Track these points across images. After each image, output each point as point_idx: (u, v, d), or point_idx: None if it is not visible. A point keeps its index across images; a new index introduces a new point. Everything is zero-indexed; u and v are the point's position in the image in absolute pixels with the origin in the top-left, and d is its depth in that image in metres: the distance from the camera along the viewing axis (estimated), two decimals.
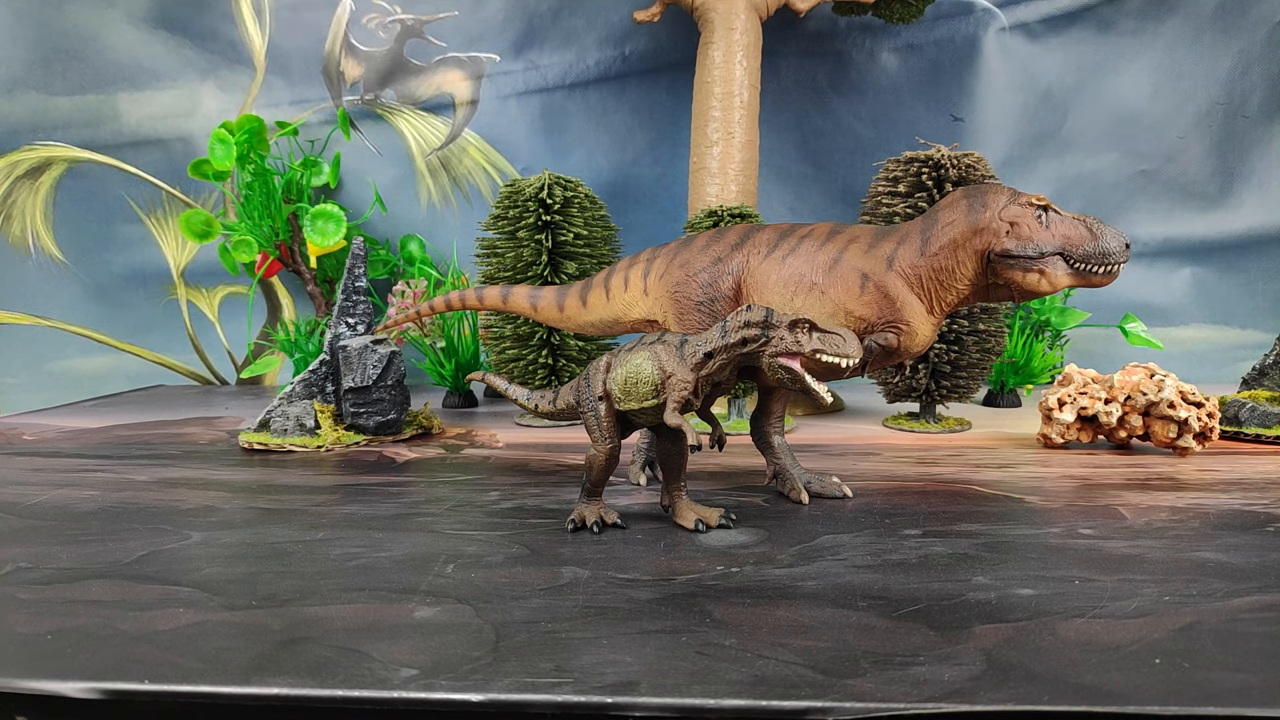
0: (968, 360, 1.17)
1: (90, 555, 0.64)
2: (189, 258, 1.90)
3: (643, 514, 0.76)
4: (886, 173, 1.19)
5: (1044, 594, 0.55)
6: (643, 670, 0.44)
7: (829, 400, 0.64)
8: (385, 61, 1.81)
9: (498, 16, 1.80)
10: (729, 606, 0.53)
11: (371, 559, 0.63)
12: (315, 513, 0.77)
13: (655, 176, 1.82)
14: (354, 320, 1.17)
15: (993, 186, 0.75)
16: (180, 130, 1.83)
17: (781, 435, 0.85)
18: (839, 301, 0.77)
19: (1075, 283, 0.73)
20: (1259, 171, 1.73)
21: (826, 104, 1.80)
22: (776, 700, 0.41)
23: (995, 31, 1.74)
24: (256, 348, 1.92)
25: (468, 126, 1.83)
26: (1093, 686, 0.42)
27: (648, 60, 1.79)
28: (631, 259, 0.92)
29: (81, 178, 1.85)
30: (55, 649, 0.47)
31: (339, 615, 0.52)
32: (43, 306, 1.90)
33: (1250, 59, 1.71)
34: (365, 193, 1.81)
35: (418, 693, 0.42)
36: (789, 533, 0.70)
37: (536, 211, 1.25)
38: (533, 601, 0.54)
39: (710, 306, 0.83)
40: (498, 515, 0.76)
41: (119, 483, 0.90)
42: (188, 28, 1.80)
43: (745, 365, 0.68)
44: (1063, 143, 1.78)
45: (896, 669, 0.44)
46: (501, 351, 1.31)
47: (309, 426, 1.09)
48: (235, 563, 0.62)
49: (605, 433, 0.70)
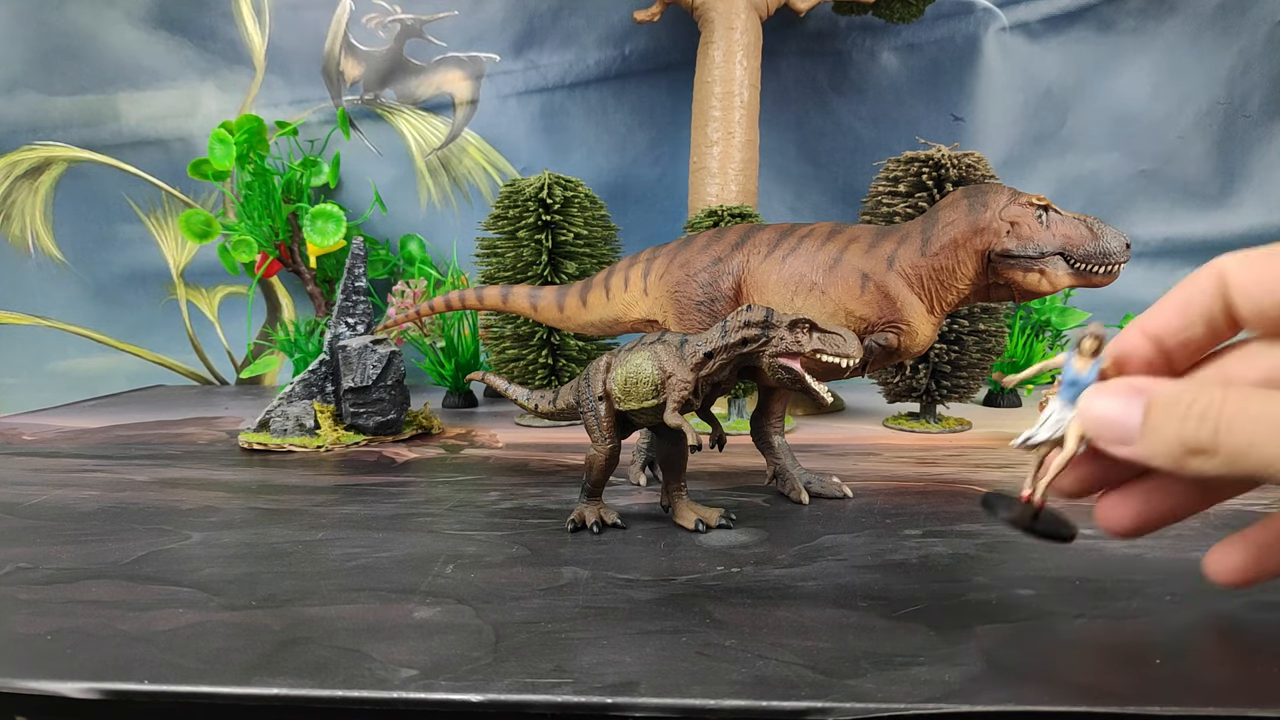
0: (968, 360, 1.17)
1: (90, 555, 0.64)
2: (189, 258, 1.90)
3: (643, 514, 0.76)
4: (887, 172, 1.19)
5: (1044, 594, 0.55)
6: (643, 670, 0.44)
7: (829, 400, 0.64)
8: (385, 61, 1.81)
9: (498, 16, 1.80)
10: (729, 606, 0.53)
11: (371, 559, 0.63)
12: (315, 513, 0.77)
13: (655, 176, 1.82)
14: (354, 320, 1.17)
15: (993, 186, 0.75)
16: (180, 130, 1.83)
17: (782, 435, 0.85)
18: (839, 301, 0.77)
19: (1076, 282, 0.73)
20: (1259, 171, 1.73)
21: (826, 104, 1.80)
22: (776, 700, 0.41)
23: (995, 31, 1.74)
24: (256, 348, 1.92)
25: (468, 126, 1.83)
26: (1093, 686, 0.42)
27: (648, 60, 1.79)
28: (631, 259, 0.92)
29: (81, 178, 1.85)
30: (55, 649, 0.47)
31: (339, 615, 0.52)
32: (43, 306, 1.90)
33: (1250, 59, 1.71)
34: (365, 193, 1.80)
35: (418, 693, 0.42)
36: (789, 533, 0.70)
37: (536, 211, 1.25)
38: (533, 602, 0.54)
39: (710, 306, 0.83)
40: (498, 515, 0.76)
41: (119, 483, 0.90)
42: (188, 28, 1.80)
43: (745, 365, 0.68)
44: (1063, 143, 1.78)
45: (896, 669, 0.44)
46: (501, 351, 1.31)
47: (309, 426, 1.09)
48: (235, 563, 0.62)
49: (605, 433, 0.70)
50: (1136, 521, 0.51)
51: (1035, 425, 0.51)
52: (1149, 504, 0.51)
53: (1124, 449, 0.46)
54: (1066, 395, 0.50)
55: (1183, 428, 0.43)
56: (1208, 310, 0.47)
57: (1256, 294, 0.44)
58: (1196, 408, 0.43)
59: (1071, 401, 0.50)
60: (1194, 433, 0.43)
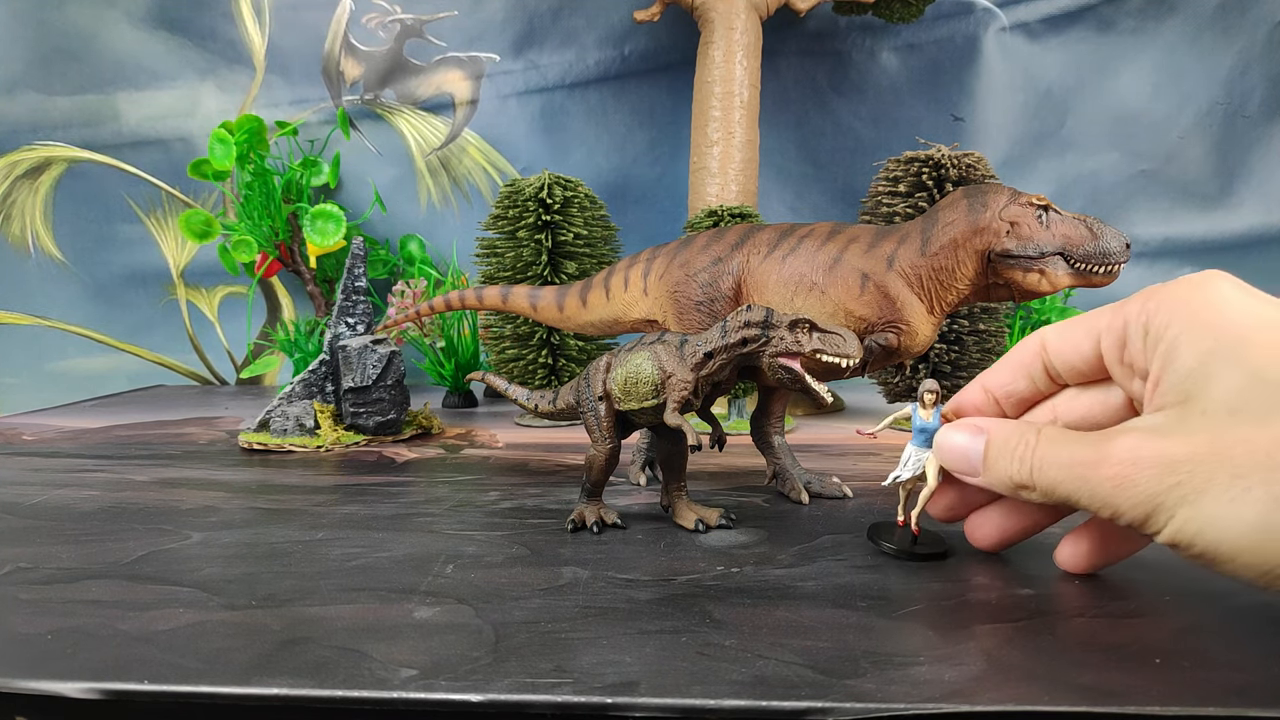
0: (968, 360, 1.17)
1: (90, 555, 0.64)
2: (189, 258, 1.90)
3: (643, 514, 0.76)
4: (887, 172, 1.19)
5: (1044, 594, 0.55)
6: (643, 670, 0.44)
7: (829, 400, 0.64)
8: (385, 61, 1.81)
9: (498, 16, 1.80)
10: (729, 606, 0.53)
11: (371, 559, 0.63)
12: (315, 513, 0.77)
13: (655, 176, 1.82)
14: (354, 320, 1.17)
15: (993, 186, 0.75)
16: (180, 130, 1.83)
17: (782, 435, 0.85)
18: (839, 301, 0.77)
19: (1075, 282, 0.73)
20: (1259, 171, 1.73)
21: (826, 104, 1.80)
22: (776, 700, 0.41)
23: (995, 31, 1.74)
24: (256, 348, 1.92)
25: (468, 126, 1.83)
26: (1093, 686, 0.42)
27: (648, 60, 1.79)
28: (631, 259, 0.92)
29: (81, 178, 1.85)
30: (55, 649, 0.47)
31: (339, 615, 0.52)
32: (43, 306, 1.90)
33: (1250, 59, 1.71)
34: (365, 193, 1.80)
35: (418, 693, 0.42)
36: (789, 533, 0.70)
37: (536, 211, 1.25)
38: (533, 602, 0.54)
39: (710, 306, 0.83)
40: (498, 515, 0.76)
41: (119, 483, 0.90)
42: (188, 28, 1.80)
43: (745, 365, 0.68)
44: (1063, 143, 1.78)
45: (896, 669, 0.44)
46: (501, 351, 1.31)
47: (309, 426, 1.09)
48: (235, 563, 0.62)
49: (605, 433, 0.70)
50: (1000, 536, 0.62)
51: (899, 467, 0.65)
52: (1007, 521, 0.62)
53: (973, 479, 0.58)
54: (918, 441, 0.64)
55: (1009, 465, 0.54)
56: (1032, 370, 0.59)
57: (1068, 356, 0.56)
58: (1019, 450, 0.53)
59: (924, 445, 0.63)
60: (1018, 471, 0.53)
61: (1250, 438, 0.43)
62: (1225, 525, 0.43)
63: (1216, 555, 0.44)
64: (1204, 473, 0.44)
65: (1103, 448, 0.48)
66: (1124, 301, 0.53)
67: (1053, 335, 0.58)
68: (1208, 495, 0.44)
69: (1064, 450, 0.51)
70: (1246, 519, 0.42)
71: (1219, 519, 0.43)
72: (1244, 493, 0.43)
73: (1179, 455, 0.45)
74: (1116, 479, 0.47)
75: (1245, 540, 0.43)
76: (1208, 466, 0.44)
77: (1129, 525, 0.48)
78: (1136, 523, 0.47)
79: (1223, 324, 0.47)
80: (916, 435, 0.64)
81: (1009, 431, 0.55)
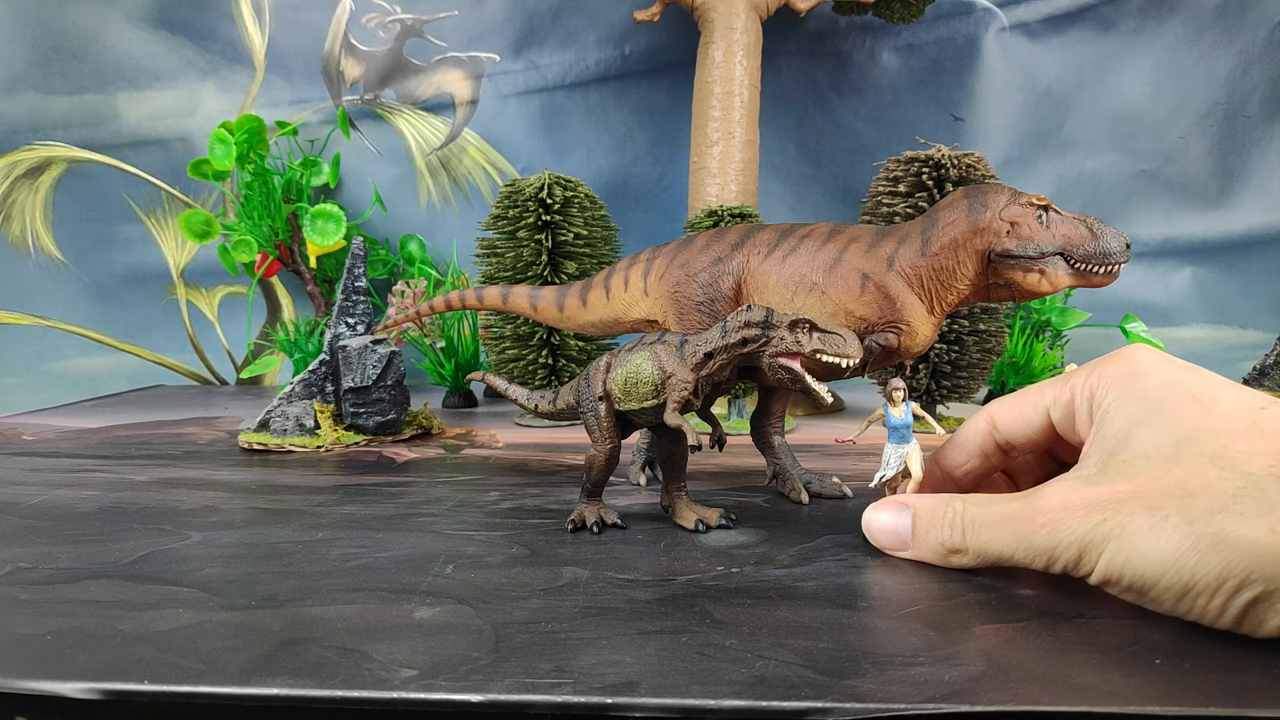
0: (968, 360, 1.17)
1: (90, 555, 0.64)
2: (189, 258, 1.90)
3: (643, 514, 0.76)
4: (887, 172, 1.19)
5: (1044, 594, 0.55)
6: (643, 670, 0.44)
7: (829, 400, 0.64)
8: (385, 61, 1.81)
9: (498, 16, 1.80)
10: (729, 607, 0.53)
11: (371, 559, 0.63)
12: (315, 513, 0.77)
13: (655, 176, 1.82)
14: (354, 320, 1.17)
15: (993, 186, 0.75)
16: (180, 130, 1.83)
17: (782, 435, 0.85)
18: (839, 301, 0.77)
19: (1076, 283, 0.73)
20: (1259, 171, 1.73)
21: (826, 104, 1.80)
22: (776, 700, 0.41)
23: (995, 31, 1.74)
24: (256, 348, 1.92)
25: (468, 126, 1.83)
26: (1093, 686, 0.42)
27: (648, 60, 1.79)
28: (631, 259, 0.92)
29: (81, 178, 1.85)
30: (55, 649, 0.47)
31: (339, 615, 0.52)
32: (42, 306, 1.90)
33: (1250, 59, 1.71)
34: (365, 193, 1.81)
35: (418, 693, 0.42)
36: (789, 533, 0.70)
37: (536, 211, 1.25)
38: (533, 602, 0.54)
39: (710, 306, 0.83)
40: (498, 515, 0.76)
41: (119, 483, 0.90)
42: (188, 28, 1.80)
43: (745, 365, 0.68)
44: (1063, 143, 1.78)
45: (896, 669, 0.44)
46: (501, 351, 1.31)
47: (309, 426, 1.09)
48: (235, 563, 0.62)
49: (605, 433, 0.70)
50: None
51: (881, 467, 0.68)
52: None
53: (903, 553, 0.61)
54: (894, 438, 0.67)
55: (940, 533, 0.58)
56: (982, 445, 0.64)
57: (1015, 428, 0.62)
58: (948, 517, 0.58)
59: (901, 441, 0.67)
60: (949, 537, 0.57)
61: (1164, 474, 0.48)
62: (1146, 553, 0.47)
63: (1142, 584, 0.47)
64: (1126, 509, 0.48)
65: (1032, 500, 0.53)
66: (1066, 375, 0.59)
67: (1001, 413, 0.63)
68: (1129, 528, 0.47)
69: (993, 510, 0.55)
70: (1164, 546, 0.46)
71: (1141, 549, 0.47)
72: (1162, 521, 0.46)
73: (1103, 497, 0.49)
74: (1049, 525, 0.51)
75: (1164, 565, 0.46)
76: (1129, 504, 0.48)
77: (1063, 570, 0.51)
78: (1070, 564, 0.51)
79: (1144, 391, 0.53)
80: (891, 433, 0.67)
81: (934, 503, 0.59)
